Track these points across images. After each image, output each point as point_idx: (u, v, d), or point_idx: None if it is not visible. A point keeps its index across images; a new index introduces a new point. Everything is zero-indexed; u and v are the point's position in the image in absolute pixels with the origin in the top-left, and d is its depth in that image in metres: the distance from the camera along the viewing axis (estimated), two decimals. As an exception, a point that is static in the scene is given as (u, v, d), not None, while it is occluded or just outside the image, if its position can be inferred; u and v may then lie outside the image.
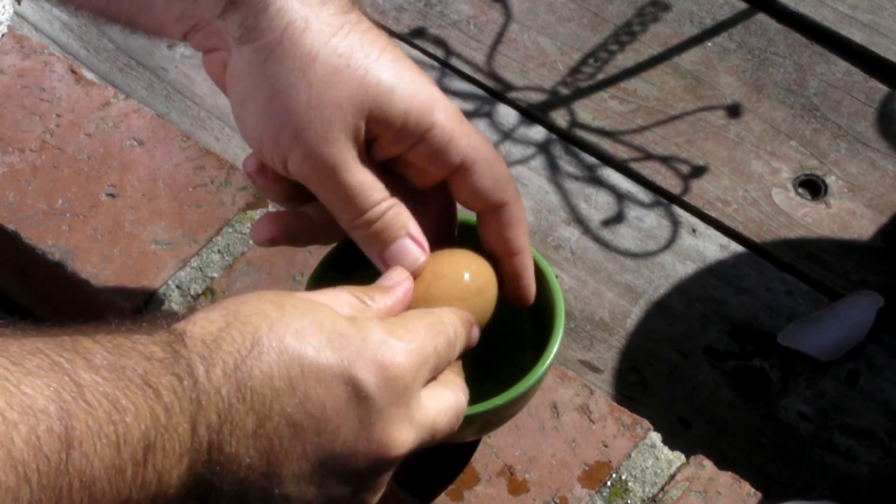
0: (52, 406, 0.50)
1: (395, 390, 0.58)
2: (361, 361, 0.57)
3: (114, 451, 0.51)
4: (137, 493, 0.53)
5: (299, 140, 0.64)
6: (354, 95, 0.64)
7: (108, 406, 0.51)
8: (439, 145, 0.66)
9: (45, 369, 0.51)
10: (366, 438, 0.58)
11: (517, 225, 0.69)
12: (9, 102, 0.92)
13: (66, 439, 0.50)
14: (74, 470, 0.50)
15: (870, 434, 1.04)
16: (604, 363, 1.08)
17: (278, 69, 0.64)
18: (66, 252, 0.85)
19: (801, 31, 1.31)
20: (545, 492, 0.74)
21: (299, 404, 0.56)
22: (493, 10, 1.33)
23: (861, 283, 1.13)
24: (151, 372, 0.53)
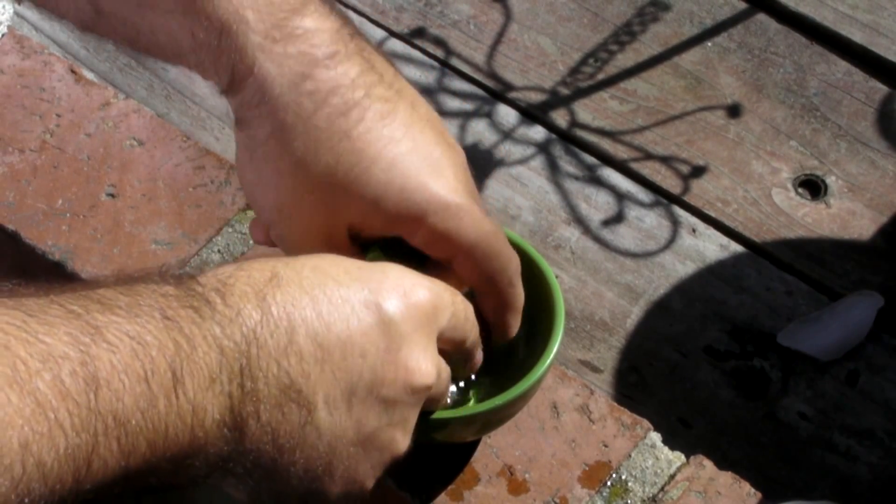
0: (73, 351, 0.50)
1: (418, 318, 0.59)
2: (384, 289, 0.58)
3: (143, 385, 0.51)
4: (174, 426, 0.53)
5: (277, 225, 0.67)
6: (334, 204, 0.65)
7: (130, 342, 0.52)
8: (431, 240, 0.66)
9: (62, 318, 0.51)
10: (392, 362, 0.58)
11: (510, 308, 0.70)
12: (9, 102, 0.92)
13: (92, 380, 0.50)
14: (106, 409, 0.50)
15: (870, 434, 1.04)
16: (604, 363, 1.08)
17: (263, 165, 0.66)
18: (66, 252, 0.85)
19: (801, 31, 1.31)
20: (545, 492, 0.74)
21: (325, 326, 0.56)
22: (493, 10, 1.33)
23: (861, 283, 1.13)
24: (168, 306, 0.54)
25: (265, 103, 0.64)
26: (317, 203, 0.66)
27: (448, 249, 0.67)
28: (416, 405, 0.60)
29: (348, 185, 0.65)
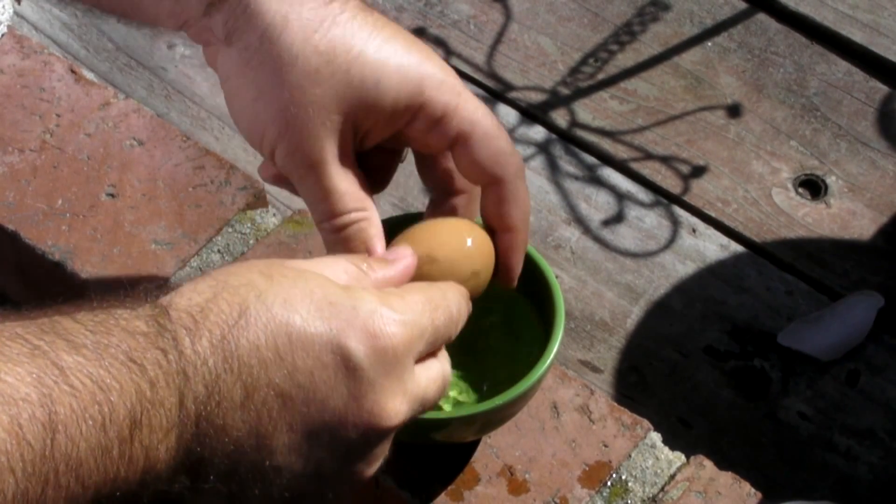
0: (34, 393, 0.49)
1: (386, 361, 0.57)
2: (351, 330, 0.56)
3: (99, 431, 0.51)
4: (125, 470, 0.52)
5: (283, 137, 0.65)
6: (337, 94, 0.65)
7: (92, 386, 0.51)
8: (432, 122, 0.67)
9: (26, 355, 0.50)
10: (356, 409, 0.57)
11: (512, 202, 0.68)
12: (9, 102, 0.92)
13: (49, 425, 0.49)
14: (60, 455, 0.50)
15: (870, 434, 1.04)
16: (604, 363, 1.08)
17: (260, 71, 0.65)
18: (66, 252, 0.85)
19: (801, 30, 1.31)
20: (545, 492, 0.74)
21: (287, 375, 0.55)
22: (493, 10, 1.33)
23: (861, 283, 1.13)
24: (135, 348, 0.53)
25: (255, 3, 0.64)
26: (320, 98, 0.65)
27: (448, 133, 0.67)
28: (384, 441, 0.60)
29: (347, 70, 0.65)
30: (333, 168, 0.66)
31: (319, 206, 0.67)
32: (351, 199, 0.66)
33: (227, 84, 0.67)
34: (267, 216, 0.87)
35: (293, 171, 0.66)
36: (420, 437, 0.72)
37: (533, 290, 0.75)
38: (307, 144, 0.65)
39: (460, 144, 0.67)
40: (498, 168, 0.67)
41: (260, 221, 0.87)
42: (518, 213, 0.68)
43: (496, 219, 0.69)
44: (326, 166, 0.65)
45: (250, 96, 0.65)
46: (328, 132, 0.65)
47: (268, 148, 0.66)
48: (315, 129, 0.65)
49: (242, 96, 0.66)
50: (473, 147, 0.67)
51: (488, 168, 0.67)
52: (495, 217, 0.68)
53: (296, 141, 0.65)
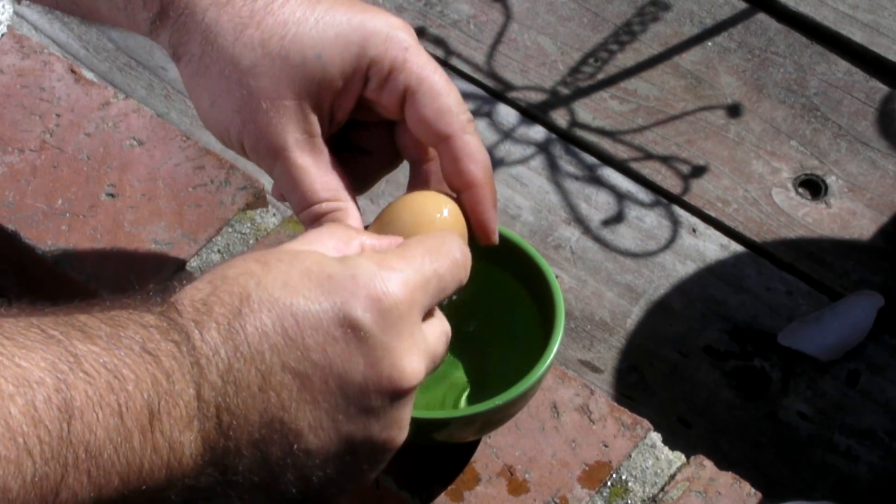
0: (49, 377, 0.49)
1: (395, 322, 0.57)
2: (354, 300, 0.56)
3: (117, 419, 0.51)
4: (149, 461, 0.52)
5: (244, 133, 0.66)
6: (282, 80, 0.65)
7: (108, 375, 0.51)
8: (382, 78, 0.67)
9: (41, 342, 0.50)
10: (376, 376, 0.57)
11: (466, 157, 0.68)
12: (8, 102, 0.92)
13: (66, 409, 0.49)
14: (77, 440, 0.50)
15: (870, 434, 1.04)
16: (604, 363, 1.08)
17: (207, 77, 0.66)
18: (66, 252, 0.85)
19: (801, 30, 1.31)
20: (545, 492, 0.74)
21: (301, 356, 0.55)
22: (493, 9, 1.33)
23: (861, 283, 1.13)
24: (149, 339, 0.53)
25: (190, 16, 0.65)
26: (266, 88, 0.65)
27: (396, 88, 0.67)
28: (408, 402, 0.60)
29: (285, 55, 0.66)
30: (297, 154, 0.66)
31: (293, 195, 0.67)
32: (323, 187, 0.66)
33: (190, 96, 0.68)
34: (267, 216, 0.87)
35: (263, 165, 0.67)
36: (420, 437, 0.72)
37: (533, 290, 0.75)
38: (267, 135, 0.66)
39: (408, 101, 0.67)
40: (443, 125, 0.67)
41: (260, 221, 0.87)
42: (475, 168, 0.68)
43: (456, 178, 0.68)
44: (290, 153, 0.66)
45: (207, 104, 0.67)
46: (285, 119, 0.65)
47: (237, 146, 0.67)
48: (271, 118, 0.65)
49: (202, 105, 0.67)
50: (419, 103, 0.67)
51: (433, 125, 0.67)
52: (454, 176, 0.68)
53: (256, 134, 0.66)
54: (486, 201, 0.69)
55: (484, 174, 0.68)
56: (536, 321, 0.74)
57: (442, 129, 0.67)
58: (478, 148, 0.68)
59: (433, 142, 0.68)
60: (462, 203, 0.68)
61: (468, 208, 0.69)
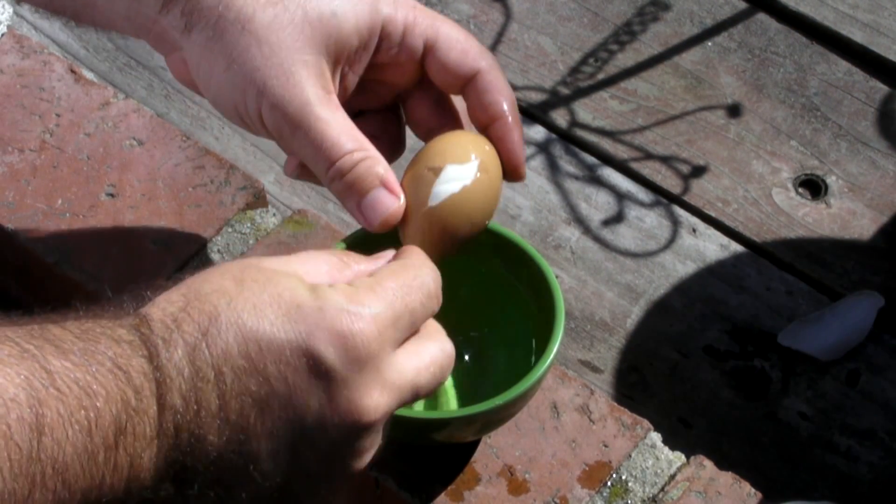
0: (23, 394, 0.50)
1: (358, 358, 0.57)
2: (319, 332, 0.56)
3: (86, 436, 0.51)
4: (110, 476, 0.53)
5: (265, 93, 0.66)
6: (301, 34, 0.65)
7: (79, 391, 0.51)
8: (398, 37, 0.68)
9: (16, 357, 0.51)
10: (334, 409, 0.57)
11: (494, 91, 0.69)
12: (8, 102, 0.92)
13: (36, 427, 0.50)
14: (46, 457, 0.50)
15: (870, 434, 1.04)
16: (604, 363, 1.08)
17: (226, 39, 0.66)
18: (66, 252, 0.85)
19: (801, 30, 1.31)
20: (545, 492, 0.74)
21: (262, 382, 0.55)
22: (493, 9, 1.33)
23: (861, 283, 1.13)
24: (121, 355, 0.53)
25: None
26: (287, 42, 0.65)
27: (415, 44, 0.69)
28: (370, 433, 0.60)
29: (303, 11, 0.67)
30: (321, 109, 0.66)
31: (318, 154, 0.66)
32: (348, 138, 0.66)
33: (198, 71, 0.68)
34: (267, 216, 0.87)
35: (283, 125, 0.66)
36: (420, 437, 0.72)
37: (533, 290, 0.75)
38: (289, 89, 0.65)
39: (429, 52, 0.68)
40: (470, 61, 0.68)
41: (260, 221, 0.87)
42: (503, 100, 0.69)
43: (483, 111, 0.69)
44: (313, 107, 0.66)
45: (222, 67, 0.66)
46: (306, 73, 0.66)
47: (254, 110, 0.66)
48: (292, 72, 0.65)
49: (215, 71, 0.66)
50: (442, 49, 0.68)
51: (461, 64, 0.68)
52: (482, 110, 0.69)
53: (278, 90, 0.65)
54: (514, 133, 0.69)
55: (511, 108, 0.69)
56: (536, 321, 0.74)
57: (470, 64, 0.68)
58: (505, 84, 0.69)
59: (461, 82, 0.68)
60: (490, 138, 0.69)
61: (496, 142, 0.69)
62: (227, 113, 0.68)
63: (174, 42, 0.68)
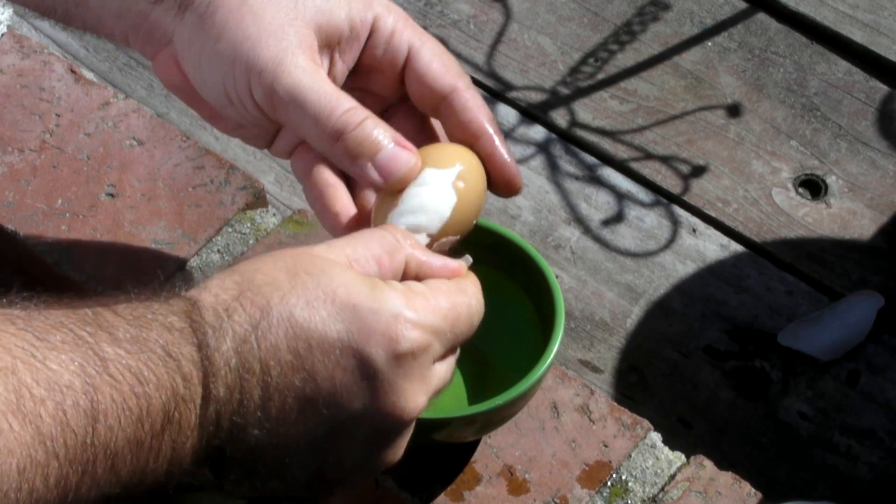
0: (78, 381, 0.50)
1: (406, 364, 0.58)
2: (371, 335, 0.57)
3: (136, 423, 0.52)
4: (154, 462, 0.53)
5: (256, 62, 0.65)
6: (295, 11, 0.66)
7: (132, 378, 0.52)
8: (387, 35, 0.68)
9: (70, 344, 0.51)
10: (377, 410, 0.57)
11: (474, 108, 0.68)
12: (8, 102, 0.92)
13: (91, 413, 0.50)
14: (100, 443, 0.51)
15: (870, 434, 1.04)
16: (604, 363, 1.08)
17: (221, 13, 0.66)
18: (66, 252, 0.85)
19: (801, 30, 1.31)
20: (545, 492, 0.74)
21: (308, 378, 0.56)
22: (493, 9, 1.33)
23: (861, 283, 1.13)
24: (172, 342, 0.54)
25: None
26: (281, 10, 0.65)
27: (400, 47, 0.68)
28: (405, 432, 0.60)
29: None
30: (315, 76, 0.65)
31: (320, 116, 0.65)
32: (346, 98, 0.66)
33: (188, 52, 0.67)
34: (267, 216, 0.87)
35: (276, 92, 0.65)
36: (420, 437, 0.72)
37: (533, 290, 0.75)
38: (282, 57, 0.65)
39: (412, 59, 0.68)
40: (450, 77, 0.68)
41: (260, 221, 0.87)
42: (484, 116, 0.68)
43: (463, 130, 0.68)
44: (307, 73, 0.65)
45: (212, 41, 0.66)
46: (297, 42, 0.65)
47: (243, 83, 0.65)
48: (285, 47, 0.65)
49: (206, 47, 0.66)
50: (425, 58, 0.68)
51: (441, 77, 0.68)
52: (462, 128, 0.68)
53: (269, 58, 0.65)
54: (501, 147, 0.68)
55: (494, 123, 0.69)
56: (536, 321, 0.74)
57: (449, 81, 0.68)
58: (483, 103, 0.69)
59: (437, 98, 0.68)
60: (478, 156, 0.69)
61: (485, 158, 0.68)
62: (214, 94, 0.67)
63: (164, 34, 0.68)
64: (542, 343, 0.71)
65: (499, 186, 0.69)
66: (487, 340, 0.76)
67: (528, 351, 0.73)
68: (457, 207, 0.66)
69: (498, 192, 0.69)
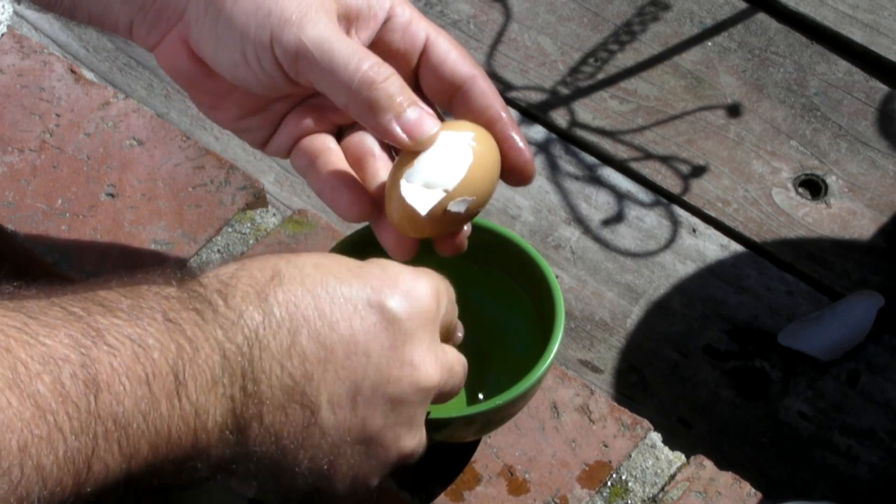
0: (73, 353, 0.50)
1: (421, 314, 0.59)
2: (386, 287, 0.58)
3: (144, 388, 0.51)
4: (176, 429, 0.53)
5: (282, 17, 0.64)
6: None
7: (132, 345, 0.52)
8: (404, 23, 0.68)
9: (62, 319, 0.51)
10: (398, 360, 0.58)
11: (490, 95, 0.69)
12: (8, 102, 0.92)
13: (92, 383, 0.50)
14: (106, 412, 0.50)
15: (870, 434, 1.04)
16: (604, 363, 1.08)
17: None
18: (66, 252, 0.85)
19: (801, 30, 1.31)
20: (545, 492, 0.74)
21: (327, 326, 0.56)
22: (493, 9, 1.33)
23: (861, 282, 1.13)
24: (170, 308, 0.54)
25: None
26: None
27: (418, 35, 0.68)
28: (422, 403, 0.60)
29: None
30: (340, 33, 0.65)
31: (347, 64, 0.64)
32: (371, 54, 0.65)
33: (203, 19, 0.66)
34: (267, 216, 0.87)
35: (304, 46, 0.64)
36: (420, 437, 0.71)
37: (533, 290, 0.75)
38: (306, 7, 0.64)
39: (430, 47, 0.68)
40: (468, 66, 0.68)
41: (260, 221, 0.87)
42: (500, 103, 0.69)
43: (481, 115, 0.68)
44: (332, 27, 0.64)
45: (228, 5, 0.65)
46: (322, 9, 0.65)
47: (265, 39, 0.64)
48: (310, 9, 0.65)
49: (226, 8, 0.65)
50: (443, 48, 0.68)
51: (458, 65, 0.68)
52: (480, 112, 0.68)
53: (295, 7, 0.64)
54: (516, 132, 0.69)
55: (507, 111, 0.69)
56: (536, 321, 0.74)
57: (467, 69, 0.68)
58: (497, 92, 0.69)
59: (454, 86, 0.68)
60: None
61: (499, 143, 0.69)
62: (229, 60, 0.66)
63: (175, 9, 0.67)
64: (542, 343, 0.71)
65: (512, 171, 0.69)
66: (487, 340, 0.76)
67: (528, 351, 0.73)
68: (473, 167, 0.65)
69: (510, 178, 0.69)
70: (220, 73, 0.68)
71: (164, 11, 0.68)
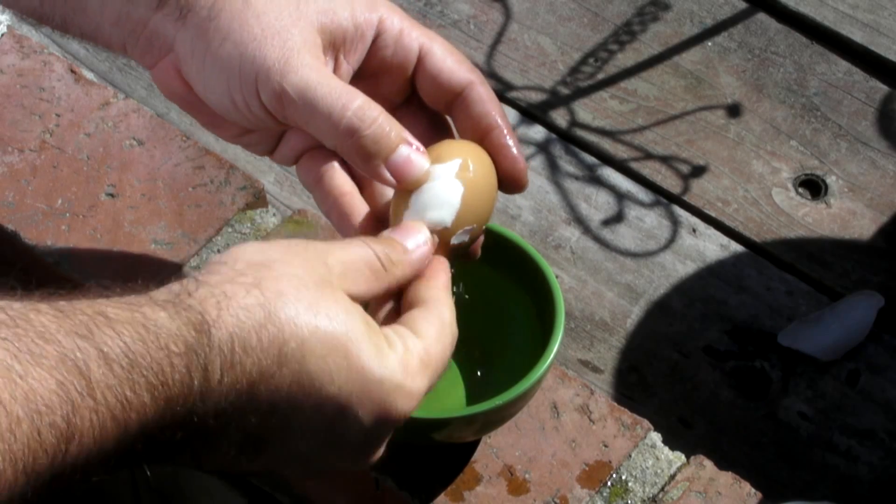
0: (57, 399, 0.50)
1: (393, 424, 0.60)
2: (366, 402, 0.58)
3: (112, 444, 0.52)
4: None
5: (263, 65, 0.65)
6: (297, 11, 0.65)
7: (115, 403, 0.51)
8: (394, 35, 0.67)
9: (55, 360, 0.50)
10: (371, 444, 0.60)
11: (489, 101, 0.68)
12: (8, 102, 0.92)
13: (66, 435, 0.50)
14: (70, 462, 0.50)
15: (870, 434, 1.04)
16: (604, 363, 1.08)
17: (224, 16, 0.65)
18: (66, 252, 0.85)
19: (801, 30, 1.31)
20: (545, 492, 0.74)
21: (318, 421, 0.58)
22: (493, 9, 1.33)
23: (861, 283, 1.13)
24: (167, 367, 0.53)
25: None
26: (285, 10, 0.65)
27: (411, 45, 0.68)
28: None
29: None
30: (323, 73, 0.65)
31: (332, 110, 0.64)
32: (357, 94, 0.65)
33: (191, 58, 0.67)
34: (267, 216, 0.87)
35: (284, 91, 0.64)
36: (420, 437, 0.72)
37: (533, 290, 0.75)
38: (288, 55, 0.65)
39: (425, 56, 0.68)
40: (465, 72, 0.68)
41: (260, 221, 0.87)
42: (498, 110, 0.69)
43: (476, 123, 0.68)
44: (315, 70, 0.65)
45: (217, 44, 0.65)
46: (302, 41, 0.65)
47: (249, 84, 0.65)
48: (290, 37, 0.65)
49: (210, 50, 0.65)
50: (438, 56, 0.68)
51: (455, 73, 0.68)
52: (474, 121, 0.68)
53: (276, 57, 0.64)
54: (511, 141, 0.68)
55: (504, 119, 0.69)
56: (536, 321, 0.74)
57: (465, 75, 0.68)
58: (496, 98, 0.69)
59: (453, 93, 0.68)
60: (487, 149, 0.69)
61: (493, 151, 0.68)
62: (218, 100, 0.67)
63: (165, 41, 0.67)
64: (542, 343, 0.71)
65: (505, 180, 0.69)
66: (487, 340, 0.76)
67: (528, 351, 0.73)
68: (465, 196, 0.65)
69: (504, 186, 0.69)
70: (212, 109, 0.68)
71: (153, 41, 0.68)
